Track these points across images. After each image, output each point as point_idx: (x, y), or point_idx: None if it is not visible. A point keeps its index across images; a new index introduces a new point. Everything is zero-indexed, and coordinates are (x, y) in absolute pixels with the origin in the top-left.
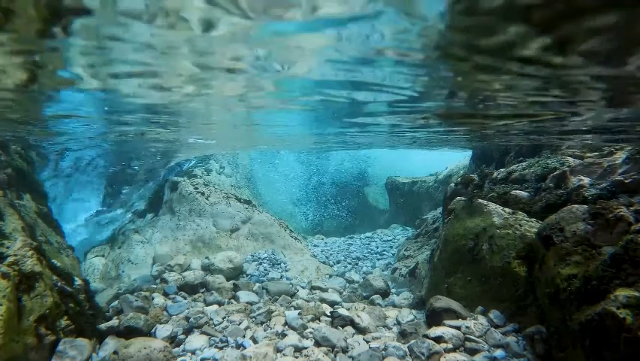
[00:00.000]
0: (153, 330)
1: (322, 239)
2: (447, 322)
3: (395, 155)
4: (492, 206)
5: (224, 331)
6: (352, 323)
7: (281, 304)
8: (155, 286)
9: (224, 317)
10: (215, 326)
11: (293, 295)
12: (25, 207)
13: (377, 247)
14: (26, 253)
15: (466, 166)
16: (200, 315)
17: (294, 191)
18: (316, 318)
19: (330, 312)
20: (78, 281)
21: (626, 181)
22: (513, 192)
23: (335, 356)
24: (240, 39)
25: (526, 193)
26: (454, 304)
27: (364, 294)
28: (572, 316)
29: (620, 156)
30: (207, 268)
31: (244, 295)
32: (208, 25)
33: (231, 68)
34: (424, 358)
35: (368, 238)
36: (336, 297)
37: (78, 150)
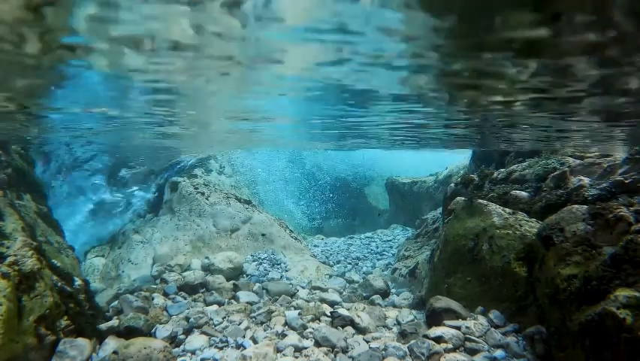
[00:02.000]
0: (153, 330)
1: (322, 239)
2: (447, 322)
3: (394, 155)
4: (492, 206)
5: (225, 331)
6: (352, 323)
7: (281, 304)
8: (155, 286)
9: (224, 317)
10: (215, 326)
11: (293, 295)
12: (25, 207)
13: (377, 247)
14: (26, 253)
15: (466, 166)
16: (200, 315)
17: (294, 191)
18: (316, 318)
19: (330, 312)
20: (78, 281)
21: (626, 181)
22: (513, 192)
23: (335, 356)
24: None
25: (526, 193)
26: (454, 305)
27: (364, 294)
28: (571, 316)
29: (620, 156)
30: (207, 268)
31: (244, 296)
32: None
33: None
34: (424, 358)
35: (368, 238)
36: (336, 297)
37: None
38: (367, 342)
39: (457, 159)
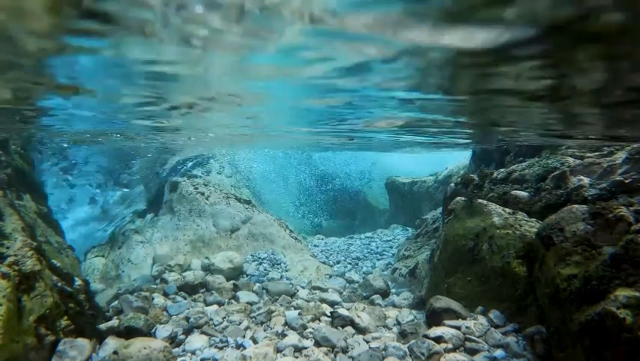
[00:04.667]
0: (153, 330)
1: (322, 239)
2: (447, 322)
3: (394, 156)
4: (492, 206)
5: (225, 331)
6: (352, 323)
7: (281, 305)
8: (155, 286)
9: (224, 317)
10: (215, 326)
11: (293, 295)
12: (25, 207)
13: (377, 247)
14: (26, 253)
15: (466, 166)
16: (200, 315)
17: (294, 191)
18: (316, 318)
19: (330, 312)
20: (78, 281)
21: (626, 181)
22: (513, 192)
23: (335, 356)
24: None
25: (526, 193)
26: (454, 304)
27: (364, 294)
28: (571, 316)
29: (620, 156)
30: (207, 268)
31: (244, 296)
32: None
33: None
34: (424, 358)
35: (368, 238)
36: (336, 297)
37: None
38: (367, 342)
39: (457, 159)
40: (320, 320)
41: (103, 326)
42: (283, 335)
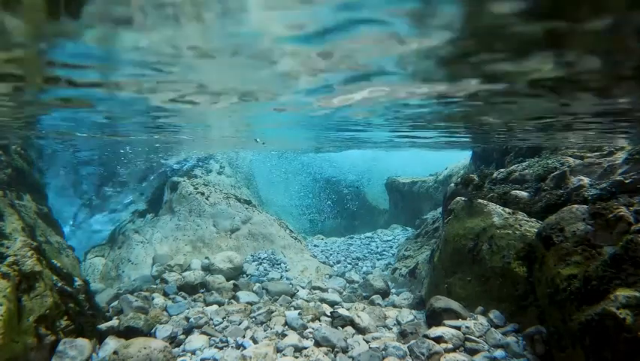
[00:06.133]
0: (153, 330)
1: (322, 239)
2: (447, 322)
3: (395, 156)
4: (492, 206)
5: (224, 331)
6: (352, 323)
7: (281, 305)
8: (155, 287)
9: (225, 317)
10: (215, 326)
11: (293, 295)
12: (25, 207)
13: (377, 247)
14: (26, 253)
15: (466, 166)
16: (200, 315)
17: (294, 191)
18: (316, 318)
19: (330, 312)
20: (78, 281)
21: (626, 181)
22: (513, 192)
23: (335, 356)
24: None
25: (526, 193)
26: (454, 305)
27: (364, 294)
28: (571, 316)
29: (620, 156)
30: (207, 268)
31: (244, 296)
32: None
33: None
34: (423, 358)
35: (368, 238)
36: (336, 297)
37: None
38: (367, 342)
39: (457, 159)
40: (320, 320)
41: (103, 326)
42: (283, 335)
